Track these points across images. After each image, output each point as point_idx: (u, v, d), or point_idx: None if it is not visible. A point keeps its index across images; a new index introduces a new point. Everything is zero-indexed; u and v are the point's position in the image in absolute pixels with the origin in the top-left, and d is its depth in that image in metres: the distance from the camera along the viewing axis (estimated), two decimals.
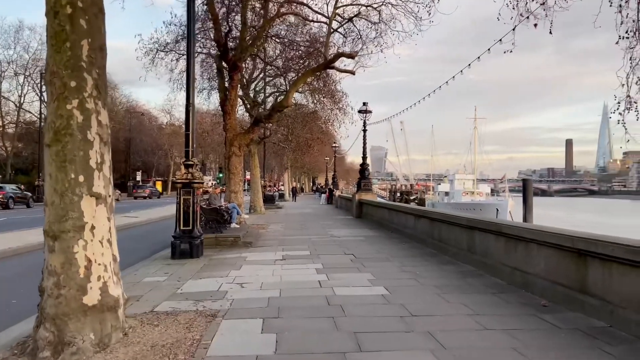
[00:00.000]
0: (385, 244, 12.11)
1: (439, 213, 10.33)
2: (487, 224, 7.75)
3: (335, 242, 12.91)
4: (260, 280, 7.63)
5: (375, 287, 6.94)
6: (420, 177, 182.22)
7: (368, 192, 22.05)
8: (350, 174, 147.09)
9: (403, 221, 13.82)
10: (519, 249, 6.79)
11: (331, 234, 14.86)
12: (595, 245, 4.89)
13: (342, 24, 17.26)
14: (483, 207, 65.26)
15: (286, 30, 21.56)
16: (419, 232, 12.02)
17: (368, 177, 22.91)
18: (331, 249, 11.51)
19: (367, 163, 22.70)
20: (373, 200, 20.81)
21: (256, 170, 28.66)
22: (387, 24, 16.29)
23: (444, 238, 10.03)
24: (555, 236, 5.70)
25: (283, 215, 25.98)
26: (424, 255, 10.09)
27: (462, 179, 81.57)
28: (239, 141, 16.87)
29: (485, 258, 7.90)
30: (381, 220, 16.92)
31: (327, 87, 24.63)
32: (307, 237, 14.19)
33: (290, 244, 12.49)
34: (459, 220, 9.01)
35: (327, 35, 15.24)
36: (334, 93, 25.07)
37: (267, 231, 16.23)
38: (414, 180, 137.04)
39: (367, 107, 22.35)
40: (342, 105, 25.45)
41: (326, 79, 24.23)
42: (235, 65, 16.29)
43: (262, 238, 13.89)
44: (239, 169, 16.80)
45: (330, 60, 14.72)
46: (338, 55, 14.88)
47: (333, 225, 18.62)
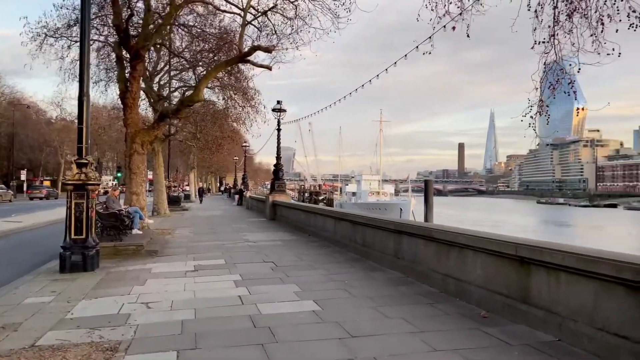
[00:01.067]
0: (305, 249, 11.49)
1: (363, 216, 9.94)
2: (416, 228, 7.41)
3: (251, 248, 12.05)
4: (170, 298, 6.62)
5: (305, 302, 6.26)
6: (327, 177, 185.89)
7: (282, 194, 21.35)
8: (258, 174, 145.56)
9: (321, 224, 13.32)
10: (452, 255, 6.49)
11: (246, 239, 13.96)
12: (541, 253, 4.63)
13: (256, 17, 16.39)
14: (388, 206, 67.62)
15: (195, 20, 20.18)
16: (339, 236, 11.57)
17: (282, 177, 22.21)
18: (248, 256, 10.65)
19: (282, 164, 21.99)
20: (288, 202, 20.16)
21: (160, 169, 26.74)
22: (304, 20, 15.72)
23: (368, 242, 9.63)
24: (495, 242, 5.42)
25: (190, 218, 24.44)
26: (348, 260, 9.62)
27: (368, 180, 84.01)
28: (142, 138, 15.34)
29: (414, 264, 7.57)
30: (297, 222, 16.32)
31: (239, 83, 23.59)
32: (220, 242, 13.16)
33: (201, 252, 11.42)
34: (386, 225, 8.63)
35: (242, 27, 14.31)
36: (246, 90, 24.09)
37: (173, 237, 14.91)
38: (321, 180, 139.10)
39: (281, 106, 21.65)
40: (255, 103, 24.56)
41: (238, 75, 23.19)
42: (138, 53, 14.77)
43: (169, 245, 12.63)
44: (142, 169, 15.28)
45: (245, 53, 13.80)
46: (254, 48, 14.00)
47: (247, 228, 17.66)
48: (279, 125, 22.01)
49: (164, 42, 18.06)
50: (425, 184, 60.03)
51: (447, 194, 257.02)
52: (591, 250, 4.20)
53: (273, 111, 21.90)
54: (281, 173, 22.08)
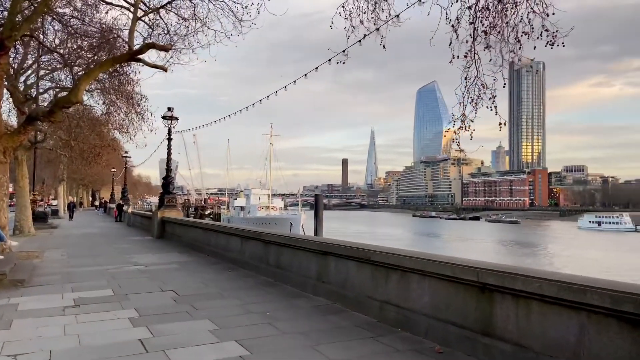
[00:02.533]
0: (209, 273, 10.21)
1: (279, 235, 9.01)
2: (349, 249, 6.69)
3: (142, 273, 10.44)
4: (46, 347, 5.12)
5: (227, 345, 5.17)
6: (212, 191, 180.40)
7: (173, 209, 19.49)
8: (137, 187, 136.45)
9: (224, 243, 12.10)
10: (392, 279, 5.88)
11: (134, 262, 12.19)
12: (513, 280, 4.15)
13: (147, 14, 14.73)
14: (278, 221, 67.09)
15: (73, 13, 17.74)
16: (247, 257, 10.49)
17: (173, 191, 20.36)
18: (141, 284, 9.12)
19: (172, 176, 20.16)
20: (181, 219, 18.41)
21: (24, 181, 23.15)
22: (202, 21, 14.46)
23: (285, 264, 8.72)
24: (449, 267, 4.88)
25: (61, 237, 21.35)
26: (262, 285, 8.61)
27: (257, 194, 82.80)
28: (5, 144, 12.78)
29: (344, 289, 6.84)
30: (193, 242, 14.81)
31: (123, 87, 21.32)
32: (103, 267, 11.28)
33: (81, 280, 9.58)
34: (308, 245, 7.81)
35: (133, 22, 12.63)
36: (132, 95, 21.87)
37: (43, 261, 12.57)
38: (206, 194, 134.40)
39: (172, 113, 19.90)
40: (141, 109, 22.41)
41: (122, 78, 20.95)
42: (2, 45, 12.34)
43: (39, 272, 10.49)
44: (4, 180, 12.70)
45: (137, 50, 12.16)
46: (148, 45, 12.39)
47: (133, 249, 15.66)
48: (169, 134, 20.23)
49: (36, 35, 15.49)
50: (316, 198, 60.70)
51: (332, 207, 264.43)
52: (576, 278, 3.79)
53: (163, 119, 20.06)
54: (172, 186, 20.25)
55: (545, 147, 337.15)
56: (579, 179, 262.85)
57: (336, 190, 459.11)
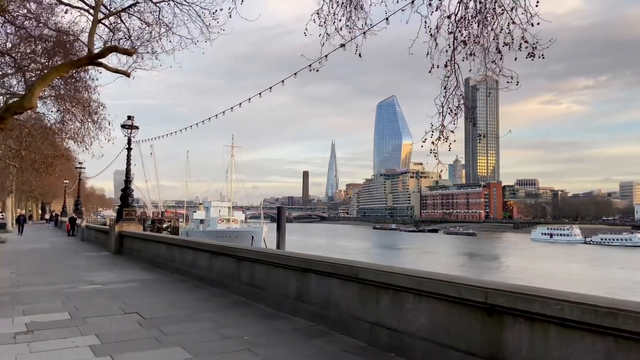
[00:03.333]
0: (175, 293, 9.50)
1: (254, 251, 8.45)
2: (333, 266, 6.24)
3: (101, 293, 9.61)
4: None
5: None
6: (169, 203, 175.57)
7: (132, 222, 18.44)
8: (91, 200, 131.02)
9: (191, 259, 11.38)
10: (383, 299, 5.47)
11: (91, 280, 11.28)
12: (529, 302, 3.82)
13: (108, 16, 13.93)
14: (239, 234, 65.88)
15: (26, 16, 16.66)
16: (217, 274, 9.85)
17: (132, 204, 19.34)
18: (101, 305, 8.33)
19: (131, 188, 19.15)
20: (142, 233, 17.41)
21: None
22: (168, 26, 13.81)
23: (260, 282, 8.17)
24: (453, 286, 4.52)
25: (9, 252, 19.84)
26: (235, 306, 8.02)
27: (217, 207, 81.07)
28: None
29: (327, 310, 6.38)
30: (156, 258, 13.96)
31: (79, 94, 20.21)
32: (57, 287, 10.34)
33: (33, 301, 8.69)
34: (286, 261, 7.31)
35: (93, 24, 11.84)
36: (88, 102, 20.76)
37: None
38: (163, 207, 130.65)
39: (132, 122, 18.95)
40: (98, 118, 21.30)
41: (78, 85, 19.87)
42: None
43: None
44: None
45: (98, 54, 11.37)
46: (110, 49, 11.61)
47: (89, 266, 14.61)
48: (129, 143, 19.24)
49: None
50: (278, 210, 60.16)
51: (293, 220, 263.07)
52: (600, 300, 3.49)
53: (123, 128, 19.08)
54: (131, 199, 19.23)
55: (500, 161, 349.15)
56: (530, 192, 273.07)
57: (297, 202, 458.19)
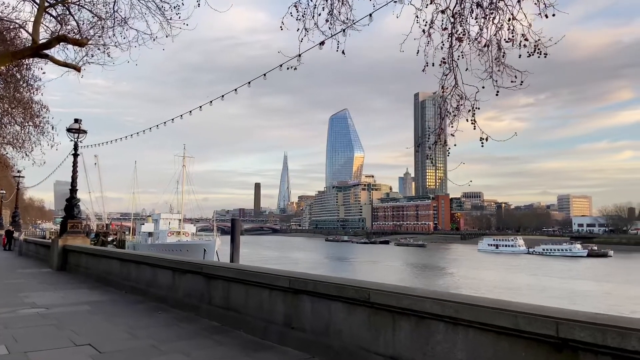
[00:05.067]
0: (134, 317, 8.22)
1: (230, 268, 7.35)
2: (338, 288, 5.31)
3: (45, 318, 8.18)
4: None
5: None
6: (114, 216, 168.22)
7: (78, 236, 16.65)
8: (29, 211, 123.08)
9: (149, 277, 10.09)
10: (402, 328, 4.59)
11: (32, 303, 9.74)
12: (623, 337, 3.03)
13: (54, 5, 12.51)
14: (190, 247, 63.52)
15: None
16: (182, 294, 8.66)
17: (78, 215, 17.55)
18: (45, 335, 6.96)
19: (78, 198, 17.37)
20: (90, 247, 15.70)
21: None
22: (124, 20, 12.55)
23: (237, 304, 7.09)
24: (504, 314, 3.69)
25: None
26: (208, 333, 6.89)
27: (167, 219, 78.16)
28: None
29: (327, 338, 5.43)
30: (107, 275, 12.45)
31: (20, 94, 18.34)
32: None
33: None
34: (273, 281, 6.30)
35: (39, 12, 10.42)
36: (30, 104, 18.89)
37: None
38: (107, 219, 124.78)
39: (80, 126, 17.27)
40: (40, 121, 19.44)
41: (18, 84, 18.01)
42: None
43: None
44: None
45: (44, 44, 9.97)
46: (59, 39, 10.23)
47: (28, 285, 12.86)
48: (75, 149, 17.50)
49: None
50: (232, 222, 58.33)
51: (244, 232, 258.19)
52: None
53: (69, 132, 17.36)
54: (77, 210, 17.45)
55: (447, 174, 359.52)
56: (476, 204, 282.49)
57: (248, 214, 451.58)
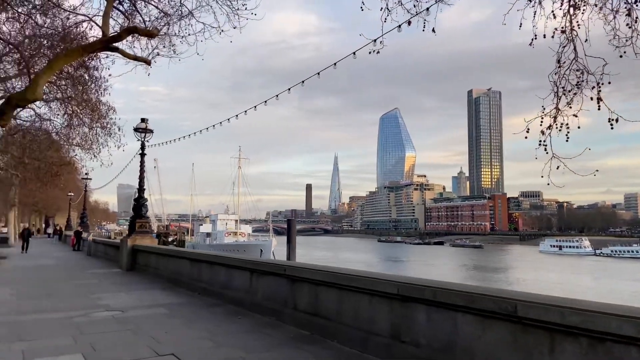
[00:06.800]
0: (212, 322, 7.64)
1: (320, 271, 6.60)
2: (466, 296, 4.41)
3: (121, 323, 7.77)
4: None
5: None
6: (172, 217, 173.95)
7: (146, 236, 16.60)
8: (95, 213, 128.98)
9: (224, 279, 9.56)
10: (566, 351, 3.66)
11: (105, 305, 9.44)
12: None
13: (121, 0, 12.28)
14: (247, 247, 64.07)
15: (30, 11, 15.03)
16: (261, 298, 8.02)
17: (146, 215, 17.52)
18: (123, 342, 6.49)
19: (145, 197, 17.34)
20: (159, 247, 15.56)
21: None
22: (191, 13, 12.17)
23: (327, 312, 6.34)
24: None
25: (11, 270, 18.02)
26: (299, 343, 6.17)
27: (224, 220, 79.46)
28: None
29: (453, 356, 4.55)
30: (177, 276, 12.11)
31: (87, 95, 18.52)
32: (65, 314, 8.51)
33: (36, 335, 6.86)
34: (373, 286, 5.48)
35: (108, 4, 10.22)
36: (97, 105, 19.07)
37: None
38: (166, 220, 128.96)
39: (147, 125, 17.24)
40: (107, 122, 19.60)
41: (87, 86, 18.20)
42: None
43: None
44: None
45: (114, 37, 9.71)
46: (129, 30, 9.95)
47: (100, 285, 12.76)
48: (142, 148, 17.49)
49: None
50: (288, 223, 58.24)
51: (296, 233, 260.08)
52: None
53: (136, 131, 17.37)
54: (144, 209, 17.41)
55: (504, 173, 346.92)
56: (535, 204, 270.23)
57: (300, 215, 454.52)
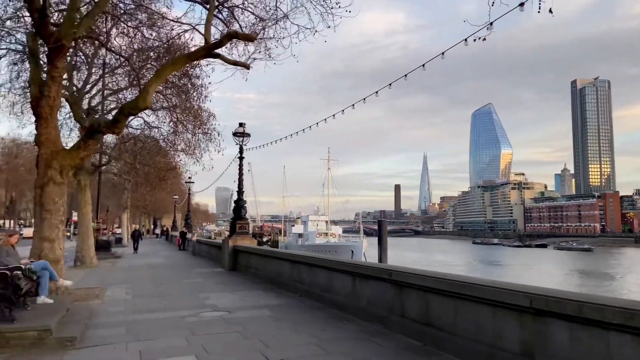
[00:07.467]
0: (318, 326, 7.42)
1: (427, 277, 6.08)
2: (624, 313, 3.72)
3: (229, 324, 7.83)
4: None
5: None
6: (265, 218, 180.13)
7: (245, 237, 17.05)
8: (196, 215, 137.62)
9: (324, 282, 9.36)
10: None
11: (212, 305, 9.65)
12: None
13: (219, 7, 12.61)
14: (338, 248, 64.33)
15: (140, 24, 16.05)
16: (366, 303, 7.67)
17: (245, 216, 18.02)
18: (234, 345, 6.48)
19: (244, 199, 17.83)
20: (259, 248, 15.90)
21: (87, 208, 21.57)
22: (286, 15, 12.20)
23: (441, 322, 5.82)
24: None
25: (125, 269, 19.44)
26: (414, 355, 5.73)
27: (315, 220, 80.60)
28: (62, 161, 10.84)
29: None
30: (277, 277, 12.19)
31: (190, 103, 19.47)
32: (176, 313, 8.80)
33: (151, 335, 7.09)
34: (497, 296, 4.88)
35: (210, 12, 10.50)
36: (199, 112, 19.99)
37: (103, 302, 10.32)
38: (260, 221, 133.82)
39: (244, 129, 17.72)
40: (208, 128, 20.48)
41: (189, 94, 19.14)
42: (60, 45, 10.53)
43: (97, 322, 8.11)
44: (60, 204, 10.67)
45: (215, 43, 9.96)
46: (230, 36, 10.19)
47: (205, 285, 13.22)
48: (241, 152, 18.00)
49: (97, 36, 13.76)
50: (379, 224, 57.54)
51: None
52: None
53: (234, 136, 17.91)
54: (244, 211, 17.90)
55: (615, 169, 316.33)
56: None
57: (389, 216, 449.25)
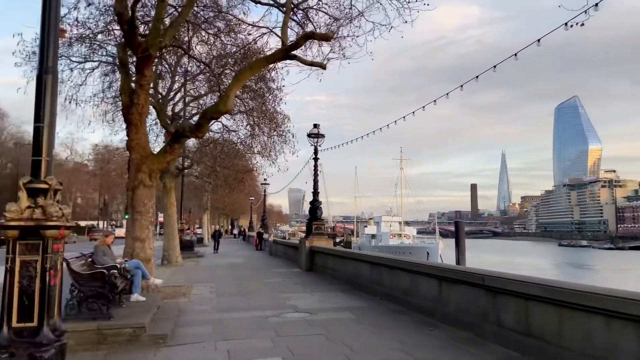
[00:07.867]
0: (402, 331, 7.17)
1: (526, 283, 5.62)
2: None
3: (312, 326, 7.77)
4: None
5: None
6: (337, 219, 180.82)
7: (322, 237, 17.10)
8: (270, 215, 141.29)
9: (406, 285, 9.07)
10: None
11: (294, 306, 9.68)
12: None
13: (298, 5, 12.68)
14: (413, 250, 62.92)
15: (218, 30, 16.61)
16: (453, 309, 7.30)
17: (321, 217, 18.09)
18: (318, 348, 6.40)
19: (320, 200, 17.89)
20: (336, 249, 15.91)
21: (172, 209, 22.69)
22: (361, 14, 12.03)
23: (543, 332, 5.35)
24: None
25: (208, 267, 20.19)
26: None
27: (388, 221, 79.52)
28: (151, 165, 11.42)
29: None
30: (355, 278, 12.04)
31: (265, 106, 19.85)
32: (259, 313, 8.91)
33: (238, 334, 7.20)
34: (611, 306, 4.38)
35: (286, 15, 10.62)
36: (274, 115, 20.34)
37: (190, 300, 10.70)
38: (332, 222, 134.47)
39: (319, 130, 17.79)
40: (283, 130, 20.78)
41: (265, 97, 19.52)
42: (147, 55, 11.09)
43: (185, 320, 8.38)
44: (149, 206, 11.25)
45: (292, 45, 10.04)
46: (306, 36, 10.24)
47: (285, 285, 13.37)
48: (316, 153, 18.08)
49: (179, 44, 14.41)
50: (456, 225, 55.48)
51: None
52: None
53: (309, 137, 18.03)
54: (320, 212, 17.95)
55: None
56: None
57: (465, 217, 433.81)
